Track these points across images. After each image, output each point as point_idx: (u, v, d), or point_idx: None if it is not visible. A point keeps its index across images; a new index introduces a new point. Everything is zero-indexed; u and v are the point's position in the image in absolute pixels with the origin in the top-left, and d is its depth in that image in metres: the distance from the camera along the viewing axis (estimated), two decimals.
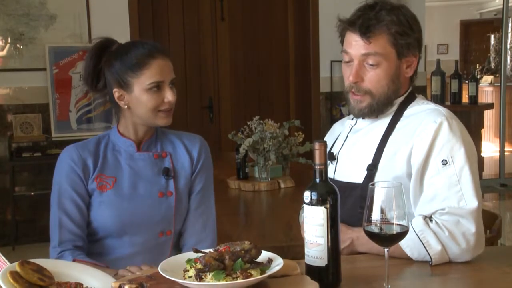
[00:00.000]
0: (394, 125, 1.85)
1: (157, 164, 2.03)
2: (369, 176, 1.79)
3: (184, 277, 1.37)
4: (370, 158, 1.83)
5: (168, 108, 1.96)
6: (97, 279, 1.54)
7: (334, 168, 1.94)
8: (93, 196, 1.99)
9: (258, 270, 1.36)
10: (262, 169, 3.57)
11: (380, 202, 1.39)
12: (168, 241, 2.02)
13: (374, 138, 1.86)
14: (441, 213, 1.69)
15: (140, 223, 1.97)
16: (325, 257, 1.46)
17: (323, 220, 1.46)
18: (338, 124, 2.14)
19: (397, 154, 1.79)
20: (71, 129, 5.22)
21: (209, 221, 2.11)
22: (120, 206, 1.96)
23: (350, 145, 1.94)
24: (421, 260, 1.68)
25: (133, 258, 1.93)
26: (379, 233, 1.40)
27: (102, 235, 2.00)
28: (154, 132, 2.07)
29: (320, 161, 1.49)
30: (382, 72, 1.82)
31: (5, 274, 1.40)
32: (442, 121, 1.77)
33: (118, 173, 2.00)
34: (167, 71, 1.96)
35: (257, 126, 3.55)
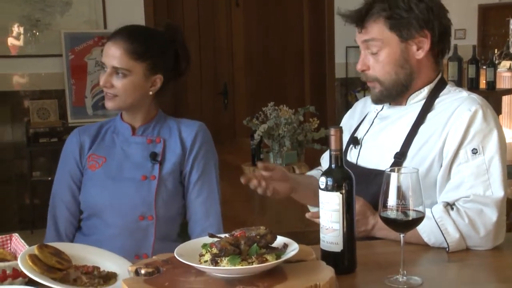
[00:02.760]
0: (425, 114, 1.82)
1: (148, 148, 2.06)
2: (396, 164, 1.77)
3: (200, 261, 1.37)
4: (398, 146, 1.80)
5: (105, 92, 1.99)
6: (114, 262, 1.56)
7: (358, 153, 1.93)
8: (84, 175, 2.07)
9: (274, 255, 1.36)
10: (277, 155, 3.57)
11: (396, 188, 1.39)
12: (150, 226, 2.01)
13: (403, 126, 1.84)
14: (465, 200, 1.68)
15: (120, 204, 2.00)
16: (340, 243, 1.46)
17: (339, 205, 1.45)
18: (360, 103, 2.11)
19: (429, 143, 1.77)
20: (87, 115, 5.25)
21: (212, 209, 2.10)
22: (104, 185, 2.01)
23: (376, 131, 1.91)
24: (437, 246, 1.67)
25: (114, 240, 1.96)
26: (395, 219, 1.40)
27: (87, 214, 2.07)
28: (154, 117, 2.09)
29: (336, 147, 1.49)
30: (384, 58, 1.79)
31: (24, 257, 1.42)
32: (477, 109, 1.74)
33: (109, 154, 2.06)
34: (110, 56, 1.97)
35: (272, 112, 3.54)
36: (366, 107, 2.06)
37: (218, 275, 1.34)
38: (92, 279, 1.43)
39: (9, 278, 1.44)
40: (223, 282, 1.30)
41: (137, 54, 1.96)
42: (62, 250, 1.53)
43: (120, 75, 1.96)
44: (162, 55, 2.03)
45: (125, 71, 1.96)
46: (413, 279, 1.42)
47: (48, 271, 1.41)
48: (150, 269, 1.39)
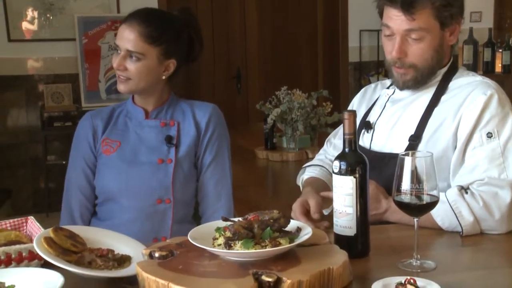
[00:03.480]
0: (439, 97, 1.81)
1: (162, 132, 2.05)
2: (411, 147, 1.77)
3: (214, 245, 1.38)
4: (412, 129, 1.80)
5: (118, 74, 1.98)
6: (128, 245, 1.56)
7: (371, 137, 1.92)
8: (99, 160, 2.06)
9: (287, 239, 1.36)
10: (290, 139, 3.57)
11: (410, 172, 1.38)
12: (167, 209, 2.02)
13: (417, 109, 1.83)
14: (480, 183, 1.67)
15: (137, 188, 2.00)
16: (354, 227, 1.46)
17: (352, 189, 1.45)
18: (370, 88, 2.10)
19: (443, 126, 1.76)
20: (101, 99, 5.27)
21: (224, 191, 2.11)
22: (120, 169, 2.01)
23: (389, 115, 1.90)
24: (451, 230, 1.66)
25: (131, 224, 1.97)
26: (409, 203, 1.39)
27: (102, 199, 2.06)
28: (166, 100, 2.09)
29: (350, 130, 1.48)
30: (426, 45, 1.78)
31: (39, 239, 1.43)
32: (493, 94, 1.74)
33: (123, 138, 2.05)
34: (124, 38, 1.96)
35: (285, 96, 3.53)
36: (375, 92, 2.05)
37: (232, 258, 1.34)
38: (107, 262, 1.44)
39: (25, 260, 1.46)
40: (237, 266, 1.31)
41: (152, 38, 1.96)
42: (77, 233, 1.54)
43: (134, 59, 1.96)
44: (177, 40, 2.02)
45: (139, 55, 1.95)
46: (427, 263, 1.42)
47: (63, 253, 1.42)
48: (164, 252, 1.40)
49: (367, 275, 1.40)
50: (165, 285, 1.23)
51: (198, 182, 2.10)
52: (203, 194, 2.10)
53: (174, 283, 1.22)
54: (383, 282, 1.27)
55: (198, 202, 2.13)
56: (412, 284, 1.24)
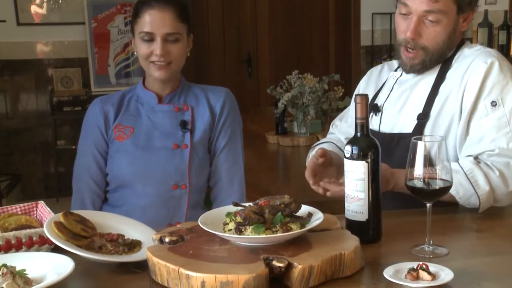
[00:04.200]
0: (444, 74, 1.81)
1: (176, 117, 2.05)
2: (420, 126, 1.77)
3: (224, 230, 1.38)
4: (420, 108, 1.80)
5: (158, 61, 1.96)
6: (138, 231, 1.57)
7: (379, 120, 1.92)
8: (111, 146, 2.05)
9: (298, 224, 1.36)
10: (301, 124, 3.56)
11: (423, 156, 1.37)
12: (183, 195, 2.03)
13: (423, 88, 1.83)
14: (490, 154, 1.66)
15: (153, 173, 2.00)
16: (365, 212, 1.46)
17: (364, 174, 1.45)
18: (376, 70, 2.09)
19: (449, 100, 1.76)
20: (110, 84, 5.28)
21: (237, 176, 2.12)
22: (134, 155, 2.01)
23: (396, 96, 1.90)
24: (464, 202, 1.65)
25: (146, 210, 1.98)
26: (421, 188, 1.39)
27: (115, 186, 2.06)
28: (179, 85, 2.08)
29: (362, 115, 1.47)
30: (441, 29, 1.77)
31: (50, 224, 1.44)
32: (493, 62, 1.73)
33: (136, 124, 2.05)
34: (159, 23, 1.94)
35: (296, 80, 3.52)
36: (382, 74, 2.04)
37: (242, 243, 1.35)
38: (117, 246, 1.45)
39: (36, 245, 1.47)
40: (247, 251, 1.31)
41: (184, 17, 1.98)
42: (87, 218, 1.55)
43: (173, 41, 1.96)
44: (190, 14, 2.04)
45: (177, 35, 1.96)
46: (439, 249, 1.42)
47: (73, 238, 1.44)
48: (175, 238, 1.40)
49: (379, 260, 1.40)
50: (176, 270, 1.23)
51: (211, 167, 2.10)
52: (216, 179, 2.11)
53: (185, 268, 1.23)
54: (395, 268, 1.27)
55: (210, 187, 2.13)
56: (424, 270, 1.24)
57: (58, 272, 1.27)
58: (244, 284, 1.18)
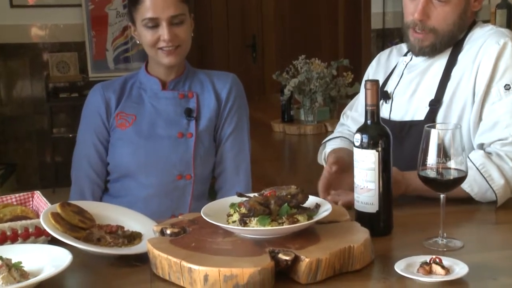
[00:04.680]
0: (456, 57, 1.81)
1: (181, 104, 2.05)
2: (432, 112, 1.77)
3: (228, 221, 1.38)
4: (432, 94, 1.80)
5: (166, 46, 1.96)
6: (138, 222, 1.58)
7: (390, 107, 1.92)
8: (113, 134, 2.05)
9: (305, 216, 1.37)
10: (308, 112, 3.56)
11: (437, 145, 1.37)
12: (188, 186, 2.04)
13: (435, 73, 1.83)
14: (504, 143, 1.66)
15: (156, 163, 2.00)
16: (376, 203, 1.46)
17: (375, 164, 1.45)
18: (384, 55, 2.09)
19: (461, 85, 1.76)
20: (108, 69, 5.28)
21: (243, 165, 2.13)
22: (137, 144, 2.01)
23: (407, 82, 1.90)
24: (480, 198, 1.65)
25: (149, 201, 1.99)
26: (434, 178, 1.39)
27: (117, 176, 2.06)
28: (183, 71, 2.08)
29: (372, 101, 1.47)
30: (451, 9, 1.76)
31: (46, 215, 1.45)
32: (506, 42, 1.72)
33: (139, 112, 2.04)
34: (163, 6, 1.93)
35: (303, 65, 3.52)
36: (391, 59, 2.04)
37: (247, 236, 1.35)
38: (116, 238, 1.45)
39: (32, 236, 1.47)
40: (252, 243, 1.32)
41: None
42: (85, 209, 1.56)
43: (178, 23, 1.95)
44: None
45: (182, 16, 1.95)
46: (453, 242, 1.42)
47: (71, 230, 1.44)
48: (176, 229, 1.41)
49: (390, 254, 1.40)
50: (177, 263, 1.24)
51: (216, 156, 2.11)
52: (221, 168, 2.11)
53: (187, 261, 1.23)
54: (406, 261, 1.27)
55: (215, 177, 2.14)
56: (437, 264, 1.24)
57: (55, 265, 1.28)
58: (249, 278, 1.19)
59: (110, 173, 2.09)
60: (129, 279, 1.32)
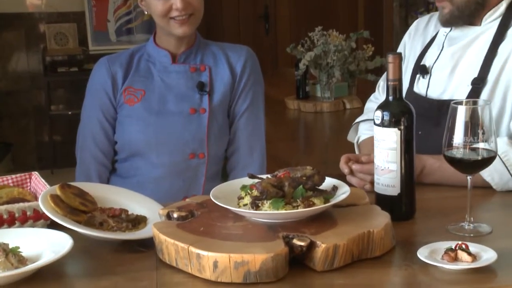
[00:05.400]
0: (505, 31, 1.78)
1: (193, 78, 2.06)
2: (475, 92, 1.75)
3: (239, 205, 1.39)
4: (475, 71, 1.78)
5: (179, 15, 1.95)
6: (143, 205, 1.59)
7: (427, 83, 1.90)
8: (120, 111, 2.06)
9: (322, 199, 1.37)
10: (325, 88, 3.55)
11: (464, 123, 1.37)
12: (201, 165, 2.05)
13: (479, 48, 1.80)
14: None
15: (167, 141, 2.01)
16: (397, 185, 1.46)
17: (396, 143, 1.45)
18: (422, 22, 2.06)
19: (509, 62, 1.74)
20: (110, 41, 5.28)
21: (257, 144, 2.14)
22: (147, 121, 2.02)
23: (447, 56, 1.87)
24: (501, 188, 1.65)
25: (160, 182, 2.01)
26: (461, 158, 1.38)
27: (126, 155, 2.08)
28: (194, 43, 2.08)
29: (394, 76, 1.47)
30: None
31: (45, 197, 1.45)
32: None
33: (148, 86, 2.05)
34: None
35: (319, 38, 3.50)
36: (429, 26, 2.01)
37: (259, 220, 1.36)
38: (120, 223, 1.46)
39: (30, 220, 1.49)
40: (265, 228, 1.32)
41: None
42: (87, 191, 1.57)
43: None
44: None
45: None
46: (481, 227, 1.42)
47: (71, 213, 1.45)
48: (184, 213, 1.42)
49: (412, 239, 1.41)
50: (185, 248, 1.25)
51: (230, 134, 2.12)
52: (235, 147, 2.12)
53: (195, 247, 1.24)
54: (430, 248, 1.28)
55: (227, 157, 2.15)
56: (464, 250, 1.24)
57: (55, 250, 1.29)
58: (261, 265, 1.19)
59: (118, 152, 2.10)
60: (133, 266, 1.33)
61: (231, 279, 1.20)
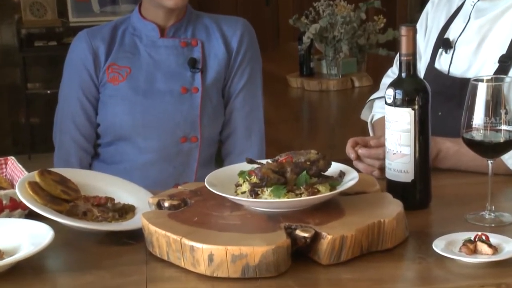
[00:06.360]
0: None
1: (183, 53, 2.06)
2: (502, 70, 1.74)
3: (236, 192, 1.40)
4: (504, 48, 1.77)
5: None
6: (131, 193, 1.60)
7: (450, 59, 1.90)
8: (103, 91, 2.06)
9: (327, 186, 1.37)
10: (332, 64, 3.55)
11: (485, 101, 1.37)
12: (193, 150, 2.06)
13: (510, 21, 1.79)
14: None
15: (156, 123, 2.02)
16: (411, 171, 1.47)
17: (410, 124, 1.45)
18: None
19: None
20: (93, 12, 5.27)
21: (255, 126, 2.15)
22: (133, 101, 2.03)
23: (474, 29, 1.86)
24: None
25: (149, 168, 2.02)
26: (481, 141, 1.39)
27: (110, 139, 2.09)
28: (185, 15, 2.08)
29: (408, 50, 1.47)
30: None
31: (23, 184, 1.46)
32: None
33: (134, 63, 2.05)
34: None
35: (325, 8, 3.50)
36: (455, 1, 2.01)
37: (259, 209, 1.37)
38: (105, 212, 1.47)
39: (7, 210, 1.49)
40: (265, 218, 1.33)
41: None
42: (69, 178, 1.57)
43: None
44: None
45: None
46: (503, 216, 1.42)
47: (52, 202, 1.45)
48: (176, 202, 1.42)
49: (427, 230, 1.42)
50: (177, 240, 1.26)
51: (225, 115, 2.13)
52: (230, 130, 2.13)
53: (188, 239, 1.25)
54: (447, 239, 1.29)
55: (222, 141, 2.16)
56: (483, 241, 1.25)
57: (35, 243, 1.30)
58: (261, 258, 1.20)
59: (101, 136, 2.11)
60: (121, 260, 1.34)
61: (228, 273, 1.21)
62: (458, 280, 1.20)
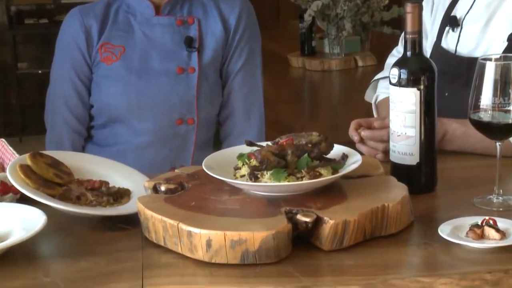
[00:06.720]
0: None
1: (179, 32, 2.06)
2: (511, 49, 1.74)
3: (235, 176, 1.40)
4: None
5: None
6: (126, 177, 1.60)
7: (457, 37, 1.90)
8: (96, 71, 2.06)
9: (330, 169, 1.38)
10: (334, 42, 3.55)
11: (493, 81, 1.37)
12: (190, 132, 2.07)
13: None
14: None
15: (151, 105, 2.03)
16: (416, 154, 1.47)
17: (415, 105, 1.45)
18: None
19: None
20: None
21: (255, 107, 2.15)
22: (127, 82, 2.03)
23: (482, 8, 1.86)
24: None
25: (144, 151, 2.03)
26: (489, 122, 1.39)
27: (104, 121, 2.09)
28: None
29: (413, 28, 1.47)
30: None
31: (14, 167, 1.46)
32: None
33: (127, 42, 2.05)
34: None
35: None
36: None
37: (258, 193, 1.37)
38: (100, 196, 1.48)
39: None
40: (265, 202, 1.34)
41: None
42: (61, 161, 1.57)
43: None
44: None
45: None
46: (511, 200, 1.43)
47: (44, 185, 1.46)
48: (172, 185, 1.43)
49: (433, 214, 1.42)
50: (174, 225, 1.26)
51: (223, 96, 2.12)
52: (229, 111, 2.14)
53: (185, 224, 1.25)
54: (453, 224, 1.29)
55: (221, 123, 2.16)
56: (491, 226, 1.25)
57: (26, 228, 1.30)
58: (261, 244, 1.21)
59: (94, 117, 2.11)
60: (116, 245, 1.34)
61: (226, 259, 1.22)
62: (465, 266, 1.21)
